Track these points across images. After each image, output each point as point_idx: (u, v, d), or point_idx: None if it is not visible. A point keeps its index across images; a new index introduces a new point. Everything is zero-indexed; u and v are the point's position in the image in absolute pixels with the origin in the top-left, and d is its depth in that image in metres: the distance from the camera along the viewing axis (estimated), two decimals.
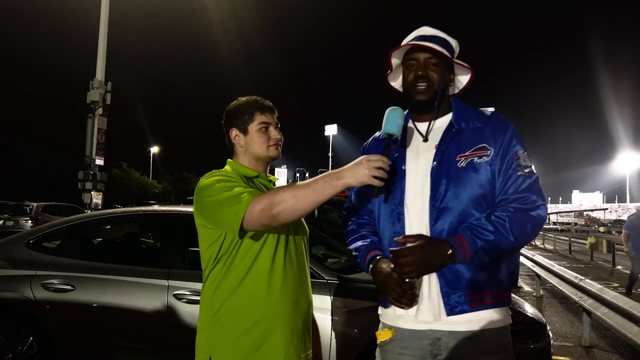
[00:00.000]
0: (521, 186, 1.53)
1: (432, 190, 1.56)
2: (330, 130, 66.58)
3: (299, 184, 1.50)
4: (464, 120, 1.63)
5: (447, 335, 1.52)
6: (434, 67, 1.61)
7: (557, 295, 8.89)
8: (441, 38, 1.65)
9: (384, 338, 1.63)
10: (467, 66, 1.67)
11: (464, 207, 1.53)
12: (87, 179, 12.88)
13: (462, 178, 1.54)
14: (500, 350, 1.53)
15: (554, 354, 4.11)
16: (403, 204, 1.60)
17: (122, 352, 3.38)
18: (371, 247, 1.66)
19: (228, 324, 1.61)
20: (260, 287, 1.62)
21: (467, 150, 1.57)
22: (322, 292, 3.03)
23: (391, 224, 1.62)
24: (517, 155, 1.56)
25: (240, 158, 1.81)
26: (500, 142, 1.57)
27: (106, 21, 13.79)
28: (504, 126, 1.60)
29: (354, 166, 1.44)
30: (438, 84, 1.61)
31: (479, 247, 1.46)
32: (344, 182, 1.44)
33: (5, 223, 18.41)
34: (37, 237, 3.84)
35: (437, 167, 1.57)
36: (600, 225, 61.92)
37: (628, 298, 4.61)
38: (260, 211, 1.47)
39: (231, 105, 1.83)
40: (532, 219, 1.50)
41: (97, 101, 12.92)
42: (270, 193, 1.50)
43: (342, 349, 2.98)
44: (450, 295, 1.51)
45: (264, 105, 1.79)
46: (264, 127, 1.77)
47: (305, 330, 1.73)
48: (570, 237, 24.41)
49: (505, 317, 1.56)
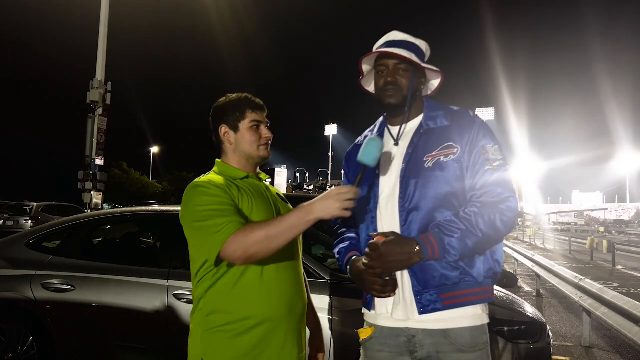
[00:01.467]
0: (489, 179, 1.54)
1: (401, 191, 1.59)
2: (330, 130, 66.56)
3: (272, 222, 1.49)
4: (432, 120, 1.66)
5: (421, 333, 1.55)
6: (404, 72, 1.64)
7: (557, 295, 8.89)
8: (410, 43, 1.68)
9: (365, 336, 1.68)
10: (437, 70, 1.69)
11: (433, 207, 1.55)
12: (87, 179, 12.89)
13: (429, 178, 1.57)
14: (474, 349, 1.54)
15: (554, 354, 4.11)
16: (377, 207, 1.65)
17: (122, 352, 3.37)
18: (349, 249, 1.72)
19: (221, 326, 1.58)
20: (254, 288, 1.59)
21: (433, 150, 1.60)
22: (321, 292, 3.03)
23: (366, 227, 1.68)
24: (485, 149, 1.57)
25: (229, 157, 1.77)
26: (467, 139, 1.59)
27: (106, 21, 13.80)
28: (470, 122, 1.62)
29: (325, 199, 1.46)
30: (407, 90, 1.64)
31: (446, 244, 1.48)
32: (316, 216, 1.47)
33: (5, 223, 18.43)
34: (37, 237, 3.84)
35: (405, 168, 1.61)
36: (601, 225, 61.94)
37: (628, 298, 4.60)
38: (235, 257, 1.48)
39: (220, 101, 1.78)
40: (500, 211, 1.50)
41: (97, 101, 12.94)
42: (245, 234, 1.47)
43: (341, 348, 2.97)
44: (422, 294, 1.54)
45: (255, 103, 1.76)
46: (255, 125, 1.74)
47: (300, 332, 1.71)
48: (570, 237, 24.41)
49: (480, 315, 1.57)
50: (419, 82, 1.70)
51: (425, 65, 1.67)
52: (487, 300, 1.59)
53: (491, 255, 1.59)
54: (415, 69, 1.66)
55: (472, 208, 1.52)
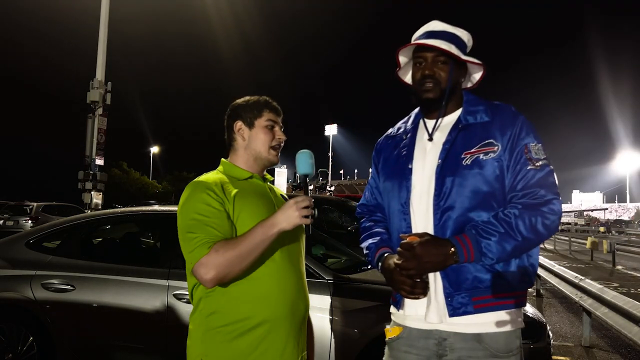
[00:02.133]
0: (531, 180, 1.46)
1: (436, 189, 1.52)
2: (330, 130, 66.65)
3: (241, 240, 1.50)
4: (472, 114, 1.58)
5: (453, 337, 1.49)
6: (442, 64, 1.56)
7: (557, 295, 8.88)
8: (451, 34, 1.59)
9: (392, 335, 1.61)
10: (479, 62, 1.60)
11: (470, 206, 1.48)
12: (87, 179, 12.89)
13: (467, 176, 1.49)
14: (508, 355, 1.48)
15: (554, 354, 4.11)
16: (409, 203, 1.57)
17: (122, 352, 3.37)
18: (380, 245, 1.64)
19: (222, 327, 1.57)
20: (256, 289, 1.58)
21: (473, 147, 1.52)
22: (321, 292, 3.03)
23: (398, 222, 1.60)
24: (527, 148, 1.49)
25: (238, 155, 1.76)
26: (508, 136, 1.51)
27: (106, 21, 13.80)
28: (513, 119, 1.53)
29: (285, 210, 1.50)
30: (446, 83, 1.56)
31: (483, 246, 1.41)
32: (279, 228, 1.49)
33: (5, 223, 18.41)
34: (37, 237, 3.84)
35: (441, 165, 1.53)
36: (602, 225, 61.90)
37: (628, 298, 4.60)
38: (207, 279, 1.47)
39: (239, 100, 1.82)
40: (542, 214, 1.43)
41: (97, 101, 12.93)
42: (216, 256, 1.47)
43: (341, 349, 2.97)
44: (453, 296, 1.47)
45: (273, 106, 1.79)
46: (270, 124, 1.76)
47: (301, 332, 1.70)
48: (570, 237, 24.40)
49: (514, 320, 1.50)
50: (459, 75, 1.61)
51: (466, 58, 1.58)
52: (520, 306, 1.52)
53: (527, 259, 1.52)
54: (455, 62, 1.57)
55: (512, 210, 1.44)
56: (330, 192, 19.32)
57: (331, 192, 19.39)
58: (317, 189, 20.87)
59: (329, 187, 23.69)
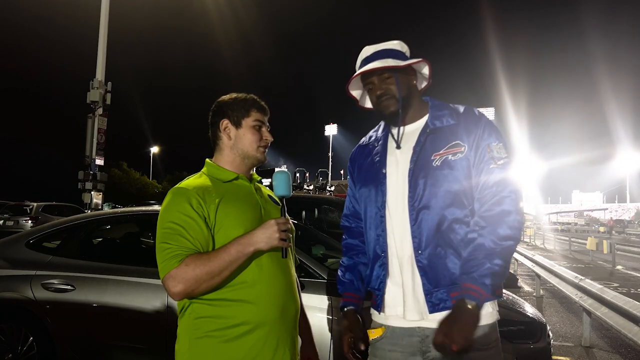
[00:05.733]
0: (493, 179, 1.56)
1: (410, 190, 1.60)
2: (330, 130, 66.68)
3: (214, 257, 1.49)
4: (439, 119, 1.67)
5: (434, 332, 1.52)
6: (388, 79, 1.67)
7: (557, 295, 8.89)
8: (382, 51, 1.70)
9: (375, 336, 1.68)
10: (420, 60, 1.70)
11: (443, 205, 1.57)
12: (87, 179, 12.90)
13: (438, 176, 1.58)
14: (487, 347, 1.55)
15: (554, 354, 4.11)
16: (385, 207, 1.66)
17: (122, 352, 3.37)
18: (349, 289, 1.76)
19: (211, 332, 1.53)
20: (245, 292, 1.55)
21: (441, 149, 1.61)
22: (321, 292, 3.03)
23: (374, 226, 1.68)
24: (490, 147, 1.59)
25: (224, 154, 1.73)
26: (473, 137, 1.60)
27: (106, 21, 13.82)
28: (477, 120, 1.64)
29: (264, 230, 1.53)
30: (398, 93, 1.66)
31: (477, 275, 1.46)
32: (255, 247, 1.52)
33: (5, 223, 18.41)
34: (37, 237, 3.84)
35: (413, 168, 1.62)
36: (601, 225, 61.88)
37: (628, 298, 4.60)
38: (175, 292, 1.47)
39: (225, 97, 1.76)
40: (504, 221, 1.51)
41: (97, 101, 12.95)
42: (186, 271, 1.46)
43: (341, 349, 2.97)
44: (432, 293, 1.56)
45: (261, 105, 1.76)
46: (258, 124, 1.72)
47: (292, 336, 1.67)
48: (570, 237, 24.41)
49: (491, 313, 1.58)
50: (407, 80, 1.70)
51: (404, 63, 1.67)
52: (496, 298, 1.58)
53: None
54: (397, 71, 1.67)
55: (473, 234, 1.53)
56: (330, 192, 19.30)
57: (331, 192, 19.38)
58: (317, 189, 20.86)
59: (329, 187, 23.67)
